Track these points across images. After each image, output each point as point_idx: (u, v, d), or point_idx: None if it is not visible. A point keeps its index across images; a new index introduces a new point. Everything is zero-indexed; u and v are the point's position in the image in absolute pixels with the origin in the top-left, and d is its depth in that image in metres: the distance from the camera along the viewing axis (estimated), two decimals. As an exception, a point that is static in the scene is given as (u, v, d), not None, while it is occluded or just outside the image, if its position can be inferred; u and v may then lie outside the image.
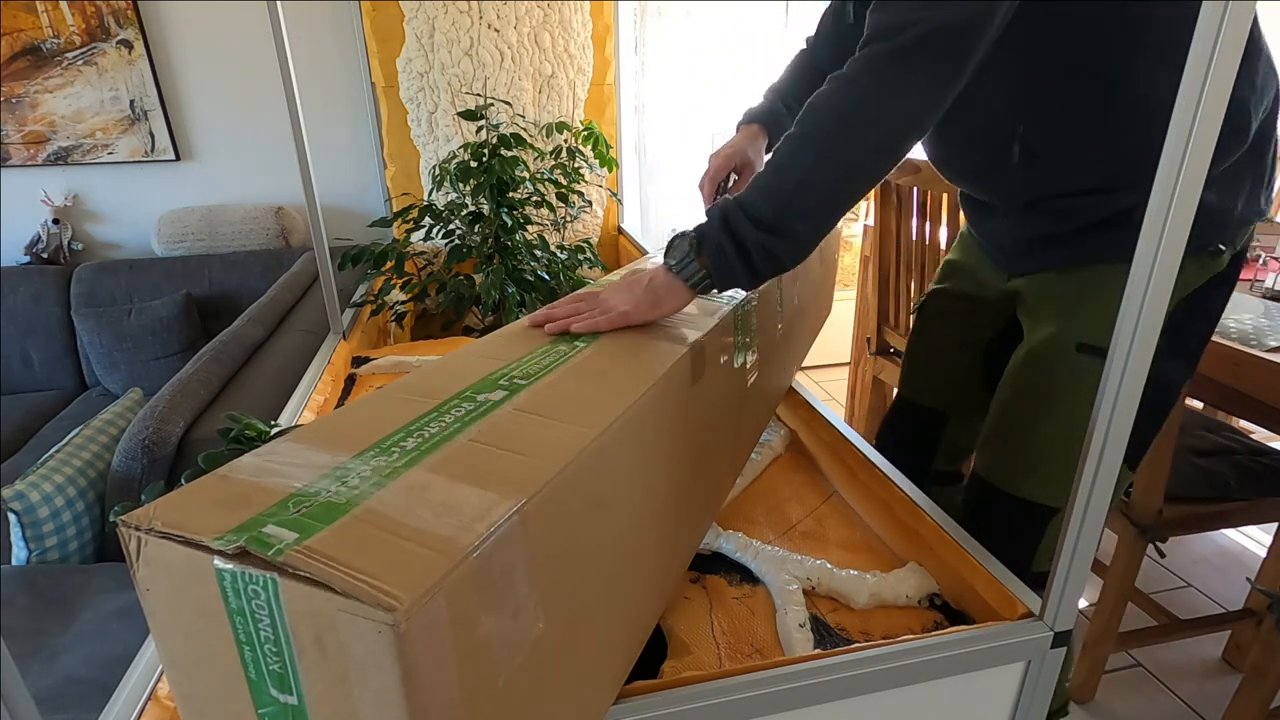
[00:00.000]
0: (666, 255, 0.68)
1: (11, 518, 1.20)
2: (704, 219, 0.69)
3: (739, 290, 0.75)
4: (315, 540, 0.35)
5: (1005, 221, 0.88)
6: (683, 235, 0.67)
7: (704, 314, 0.73)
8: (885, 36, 0.63)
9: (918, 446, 1.10)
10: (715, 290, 0.70)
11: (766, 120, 1.03)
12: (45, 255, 2.22)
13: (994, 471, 0.91)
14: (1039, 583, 0.67)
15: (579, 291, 0.74)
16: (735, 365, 0.78)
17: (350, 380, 1.31)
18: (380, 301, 1.61)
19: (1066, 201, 0.81)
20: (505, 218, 1.59)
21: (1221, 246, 0.77)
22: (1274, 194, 0.81)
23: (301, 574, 0.33)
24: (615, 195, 2.34)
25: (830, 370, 2.92)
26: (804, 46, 1.06)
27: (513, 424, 0.48)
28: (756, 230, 0.64)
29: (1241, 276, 0.83)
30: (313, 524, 0.36)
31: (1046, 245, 0.85)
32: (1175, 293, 0.55)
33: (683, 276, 0.67)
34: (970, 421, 1.06)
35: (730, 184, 1.01)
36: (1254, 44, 0.72)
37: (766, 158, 1.05)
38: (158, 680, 0.60)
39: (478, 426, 0.47)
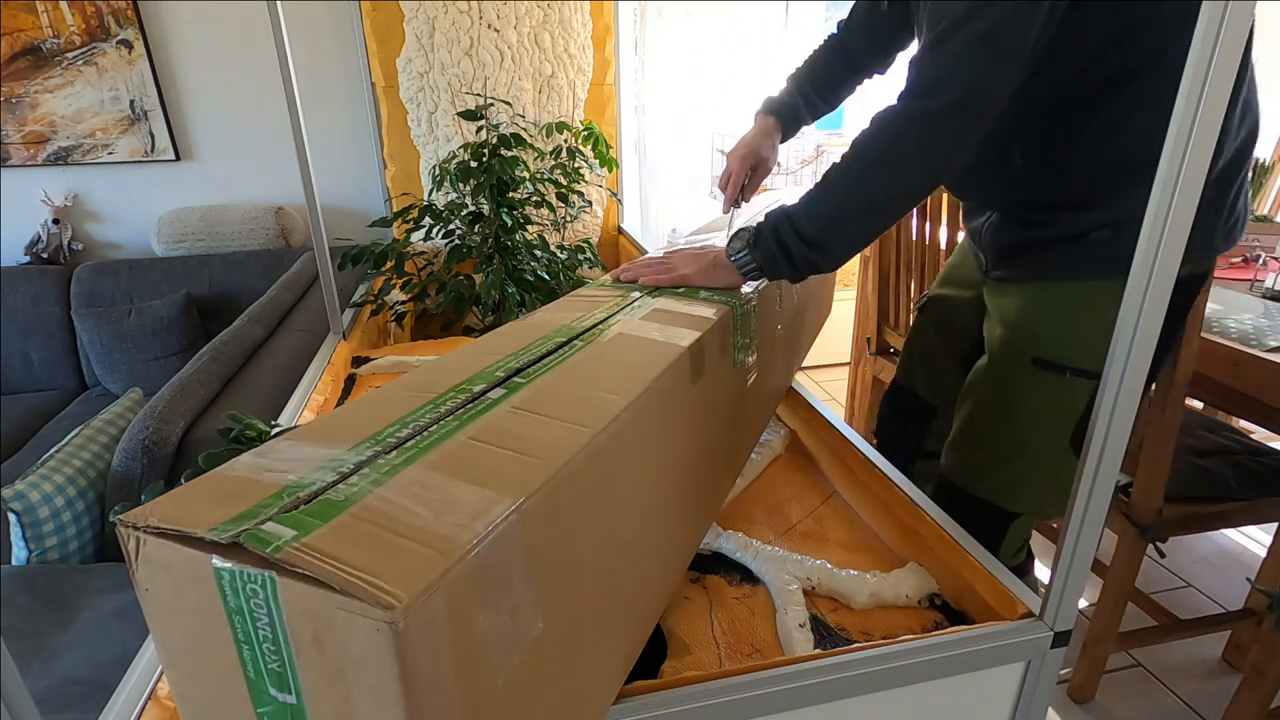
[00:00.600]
0: (729, 244, 0.82)
1: (11, 518, 1.20)
2: (717, 216, 0.72)
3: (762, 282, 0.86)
4: (313, 538, 0.35)
5: (988, 223, 0.91)
6: (745, 230, 0.81)
7: (704, 314, 0.73)
8: (931, 93, 0.69)
9: (912, 428, 1.16)
10: (764, 280, 0.84)
11: (783, 115, 1.07)
12: (45, 255, 2.22)
13: (956, 473, 0.95)
14: None
15: (651, 255, 0.88)
16: (735, 365, 0.78)
17: (350, 380, 1.31)
18: (380, 301, 1.61)
19: (1042, 214, 0.83)
20: (505, 218, 1.58)
21: None
22: (1236, 232, 0.80)
23: (299, 571, 0.33)
24: (615, 195, 2.34)
25: (830, 370, 2.92)
26: (832, 34, 1.08)
27: (511, 423, 0.48)
28: (801, 243, 0.76)
29: (1241, 277, 0.82)
30: (311, 521, 0.36)
31: (1022, 252, 0.87)
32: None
33: (737, 264, 0.80)
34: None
35: (747, 180, 1.07)
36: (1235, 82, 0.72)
37: (779, 148, 1.09)
38: (158, 680, 0.59)
39: (477, 425, 0.47)
